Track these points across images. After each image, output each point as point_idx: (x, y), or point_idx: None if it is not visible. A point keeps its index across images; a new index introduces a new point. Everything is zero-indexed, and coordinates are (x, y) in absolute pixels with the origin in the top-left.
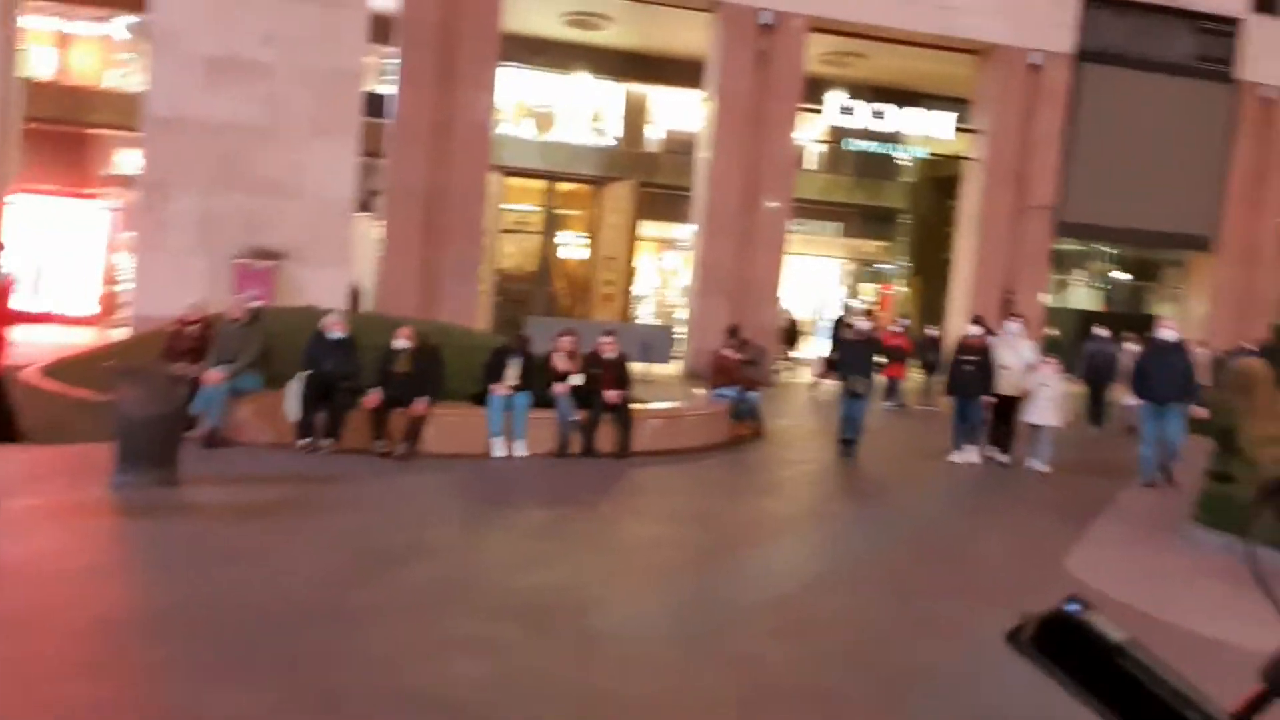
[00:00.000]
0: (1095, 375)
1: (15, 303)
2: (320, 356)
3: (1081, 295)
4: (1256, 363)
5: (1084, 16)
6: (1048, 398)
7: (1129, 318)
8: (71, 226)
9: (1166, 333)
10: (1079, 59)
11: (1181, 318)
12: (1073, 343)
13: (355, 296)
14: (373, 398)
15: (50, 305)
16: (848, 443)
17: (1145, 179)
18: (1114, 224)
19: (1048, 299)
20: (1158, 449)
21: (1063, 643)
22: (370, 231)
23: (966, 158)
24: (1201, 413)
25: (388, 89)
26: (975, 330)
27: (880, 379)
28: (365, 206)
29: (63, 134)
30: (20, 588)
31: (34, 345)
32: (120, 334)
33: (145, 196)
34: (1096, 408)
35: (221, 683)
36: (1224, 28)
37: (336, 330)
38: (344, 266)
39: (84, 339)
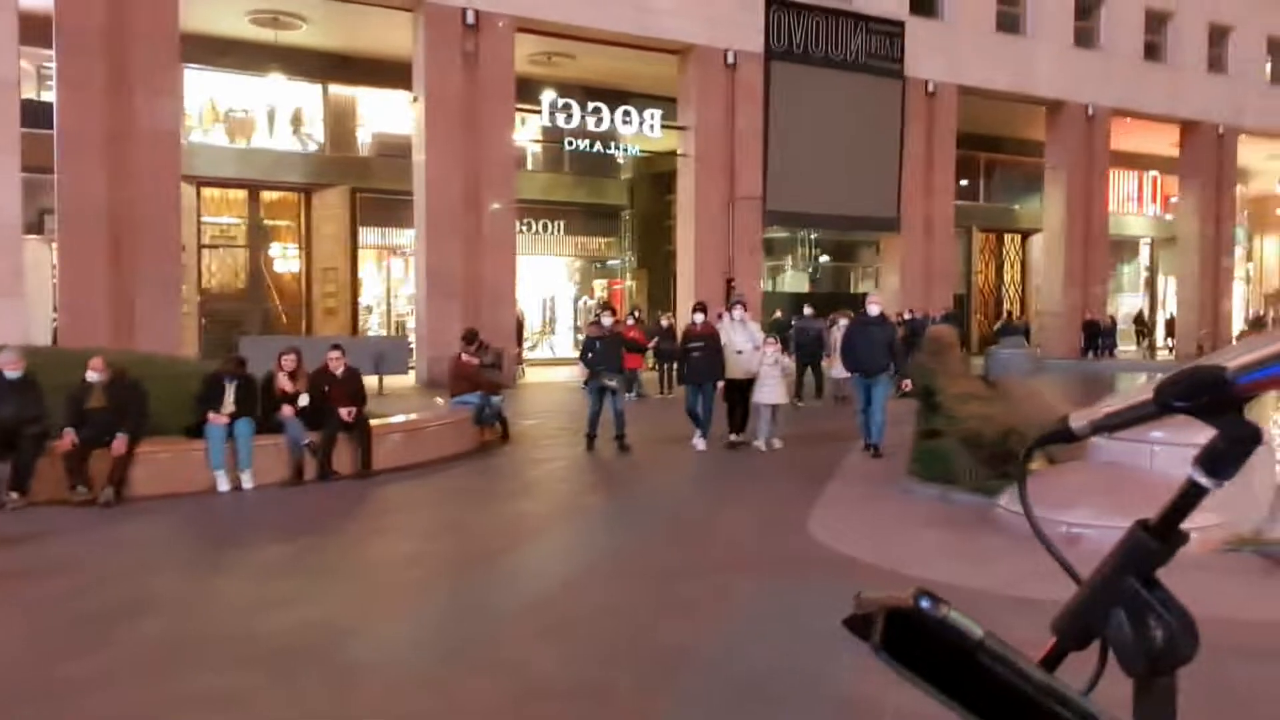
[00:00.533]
0: (802, 352)
1: None
2: None
3: (792, 279)
4: (946, 329)
5: (769, 18)
6: (774, 377)
7: (836, 296)
8: None
9: (871, 308)
10: (769, 58)
11: (880, 292)
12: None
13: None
14: (65, 440)
15: None
16: (591, 438)
17: (837, 168)
18: (814, 210)
19: (763, 284)
20: (867, 418)
21: (915, 641)
22: (45, 256)
23: (678, 154)
24: (908, 385)
25: (53, 95)
26: (699, 317)
27: None
28: (37, 228)
29: None
30: None
31: None
32: None
33: None
34: (810, 381)
35: None
36: (891, 29)
37: (11, 369)
38: (15, 298)
39: None
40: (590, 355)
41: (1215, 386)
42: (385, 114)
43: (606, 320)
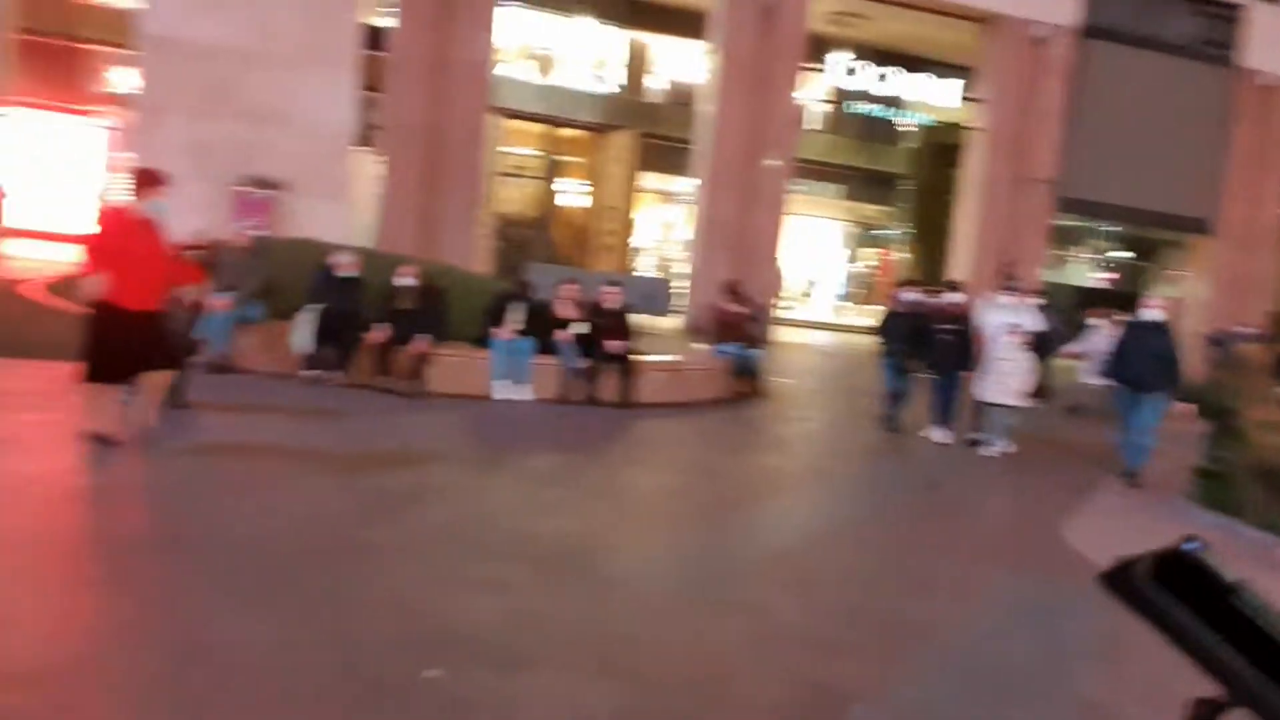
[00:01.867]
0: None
1: (6, 217)
2: (329, 292)
3: (1079, 271)
4: (1256, 349)
5: None
6: (1004, 371)
7: (1125, 296)
8: (65, 142)
9: (1149, 313)
10: (1083, 34)
11: (1180, 298)
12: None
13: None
14: (378, 333)
15: (44, 222)
16: (889, 417)
17: (1146, 159)
18: (1113, 201)
19: (1045, 273)
20: (1130, 440)
21: (1178, 581)
22: (369, 167)
23: (969, 126)
24: (1184, 409)
25: (386, 21)
26: (956, 297)
27: None
28: (365, 141)
29: (55, 47)
30: (31, 505)
31: (28, 260)
32: None
33: (141, 118)
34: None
35: (233, 611)
36: (1227, 13)
37: (349, 270)
38: (341, 201)
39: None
40: (886, 329)
41: None
42: (676, 61)
43: (908, 295)
